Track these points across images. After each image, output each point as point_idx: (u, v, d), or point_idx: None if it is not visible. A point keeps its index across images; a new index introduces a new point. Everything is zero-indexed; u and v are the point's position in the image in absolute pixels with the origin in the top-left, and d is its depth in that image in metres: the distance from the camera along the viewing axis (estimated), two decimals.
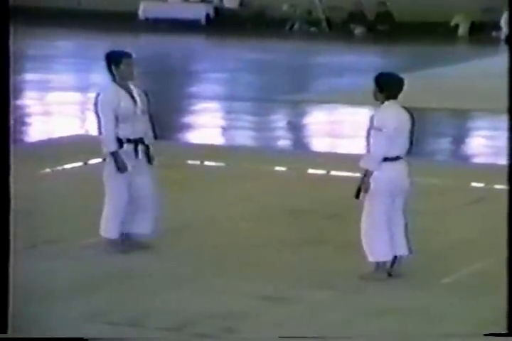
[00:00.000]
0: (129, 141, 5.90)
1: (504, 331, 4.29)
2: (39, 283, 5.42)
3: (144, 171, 5.99)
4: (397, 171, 5.53)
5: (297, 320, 5.03)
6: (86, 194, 7.55)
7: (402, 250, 5.58)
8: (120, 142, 5.88)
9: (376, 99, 5.57)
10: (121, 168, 5.85)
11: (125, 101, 5.88)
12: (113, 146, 5.87)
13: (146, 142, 5.97)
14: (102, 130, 5.91)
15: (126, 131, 5.88)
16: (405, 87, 5.66)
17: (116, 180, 5.91)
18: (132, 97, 5.91)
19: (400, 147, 5.52)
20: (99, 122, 5.93)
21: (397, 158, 5.52)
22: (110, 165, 5.92)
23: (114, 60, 5.93)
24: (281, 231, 6.58)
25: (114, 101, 5.85)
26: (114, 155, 5.86)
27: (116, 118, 5.85)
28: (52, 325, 4.87)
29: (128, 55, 5.96)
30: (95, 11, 21.45)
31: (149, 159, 5.98)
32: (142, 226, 6.00)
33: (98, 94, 5.98)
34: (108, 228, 5.99)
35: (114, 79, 5.92)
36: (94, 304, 5.19)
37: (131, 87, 5.95)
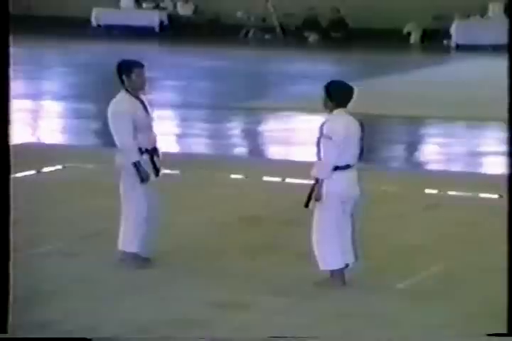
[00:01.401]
0: (146, 150, 5.79)
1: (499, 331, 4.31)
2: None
3: (154, 184, 5.86)
4: (348, 180, 5.53)
5: (253, 327, 5.01)
6: (39, 202, 7.45)
7: (350, 257, 5.59)
8: (139, 152, 5.76)
9: (326, 107, 5.55)
10: (144, 177, 5.72)
11: (140, 111, 5.78)
12: (135, 156, 5.73)
13: (160, 153, 5.86)
14: (122, 140, 5.74)
15: (142, 141, 5.77)
16: (359, 94, 5.68)
17: (136, 192, 5.76)
18: (144, 107, 5.83)
19: (350, 155, 5.52)
20: (115, 133, 5.75)
21: (347, 167, 5.52)
22: (128, 177, 5.75)
23: (125, 69, 5.78)
24: (238, 238, 6.57)
25: (132, 111, 5.74)
26: (137, 165, 5.72)
27: (135, 129, 5.74)
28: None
29: (139, 65, 5.81)
30: (47, 17, 21.24)
31: (157, 171, 5.85)
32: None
33: (112, 105, 5.80)
34: (130, 242, 5.82)
35: (126, 89, 5.78)
36: (48, 313, 5.12)
37: (142, 96, 5.85)
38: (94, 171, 8.37)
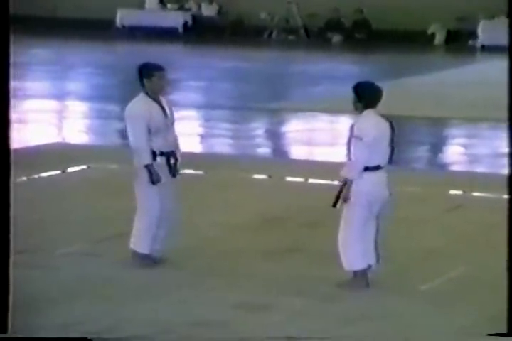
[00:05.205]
0: (162, 153, 5.83)
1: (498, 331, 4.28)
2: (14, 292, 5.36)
3: (171, 185, 5.88)
4: (377, 181, 5.52)
5: (274, 328, 5.01)
6: (63, 202, 7.50)
7: (372, 258, 5.58)
8: (153, 154, 5.79)
9: (355, 108, 5.56)
10: (155, 179, 5.75)
11: (157, 114, 5.81)
12: (148, 159, 5.77)
13: (178, 155, 5.89)
14: (135, 142, 5.80)
15: (158, 144, 5.81)
16: (383, 95, 5.67)
17: (149, 193, 5.80)
18: (163, 109, 5.85)
19: (380, 156, 5.52)
20: (130, 135, 5.81)
21: (377, 168, 5.51)
22: (142, 178, 5.79)
23: (146, 73, 5.81)
24: (259, 239, 6.57)
25: (147, 114, 5.77)
26: (149, 167, 5.76)
27: (149, 131, 5.77)
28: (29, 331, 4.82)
29: (160, 69, 5.84)
30: (72, 19, 21.39)
31: (174, 173, 5.87)
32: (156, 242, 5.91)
33: (128, 107, 5.85)
34: (141, 242, 5.86)
35: (145, 92, 5.81)
36: (70, 314, 5.14)
37: (161, 98, 5.88)
38: (119, 171, 8.41)
